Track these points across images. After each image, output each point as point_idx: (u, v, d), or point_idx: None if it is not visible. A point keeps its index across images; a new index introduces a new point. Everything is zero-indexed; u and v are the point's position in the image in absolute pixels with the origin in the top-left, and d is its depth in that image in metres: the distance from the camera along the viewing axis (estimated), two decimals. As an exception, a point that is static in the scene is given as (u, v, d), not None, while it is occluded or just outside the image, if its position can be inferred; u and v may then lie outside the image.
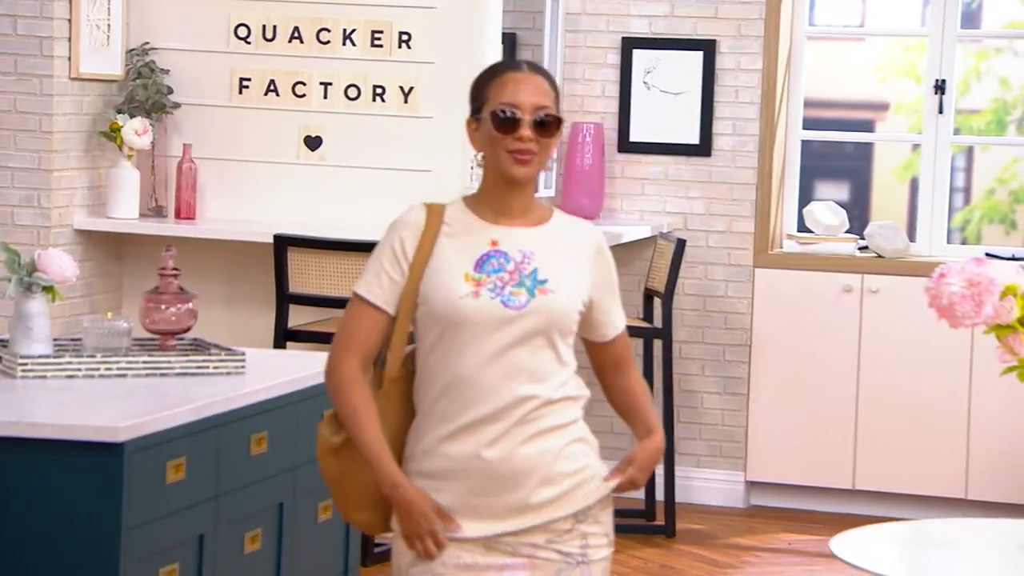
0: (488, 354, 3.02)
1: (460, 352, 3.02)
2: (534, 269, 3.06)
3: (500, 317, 3.02)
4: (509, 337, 3.03)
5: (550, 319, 3.05)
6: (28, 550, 3.41)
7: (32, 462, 3.41)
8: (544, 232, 3.10)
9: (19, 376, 3.85)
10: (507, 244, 3.07)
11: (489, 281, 3.04)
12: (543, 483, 3.05)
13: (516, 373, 3.04)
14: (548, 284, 3.06)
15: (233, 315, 6.15)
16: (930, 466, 6.77)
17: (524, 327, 3.04)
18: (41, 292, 3.96)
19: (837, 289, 6.87)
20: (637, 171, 7.08)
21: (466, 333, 3.02)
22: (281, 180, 6.19)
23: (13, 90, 5.88)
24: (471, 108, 3.13)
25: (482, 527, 3.03)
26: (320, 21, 6.16)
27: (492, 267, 3.05)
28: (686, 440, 7.00)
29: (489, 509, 3.03)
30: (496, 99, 3.07)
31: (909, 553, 3.82)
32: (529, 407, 3.05)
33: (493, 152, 3.07)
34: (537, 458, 3.04)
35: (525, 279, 3.05)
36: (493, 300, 3.02)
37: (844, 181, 7.58)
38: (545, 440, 3.06)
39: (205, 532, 3.71)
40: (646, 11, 7.03)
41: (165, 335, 4.09)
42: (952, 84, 6.95)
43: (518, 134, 3.04)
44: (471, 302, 3.02)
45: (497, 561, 3.04)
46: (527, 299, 3.04)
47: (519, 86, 3.07)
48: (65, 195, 5.97)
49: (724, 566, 6.13)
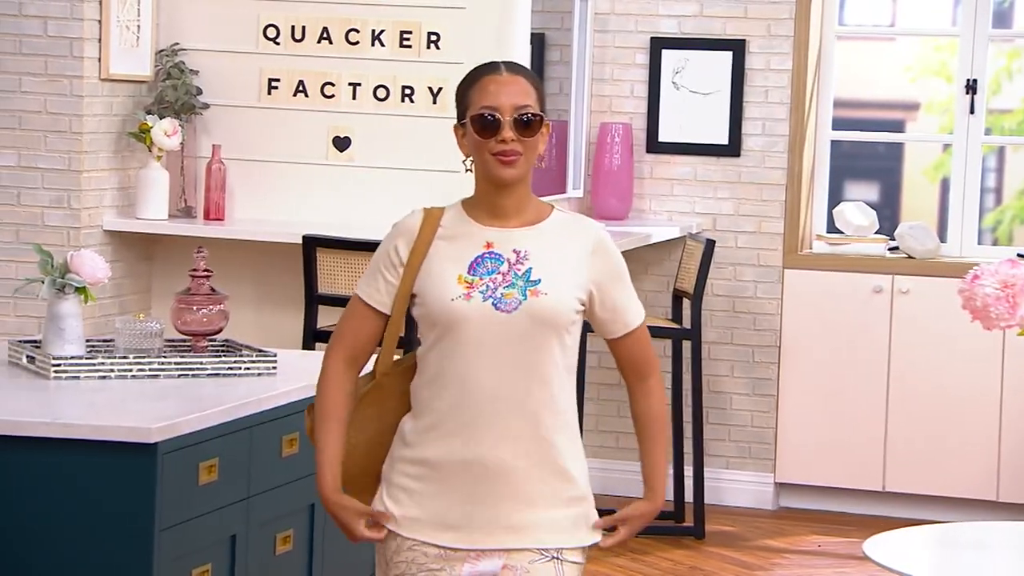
0: (482, 356, 3.04)
1: (456, 353, 3.05)
2: (528, 269, 3.08)
3: (492, 319, 3.04)
4: (503, 339, 3.05)
5: (542, 320, 3.06)
6: (62, 551, 3.44)
7: (65, 463, 3.44)
8: (540, 231, 3.12)
9: (52, 377, 3.89)
10: (501, 245, 3.09)
11: (482, 283, 3.06)
12: (527, 502, 3.05)
13: (518, 376, 3.05)
14: (541, 285, 3.07)
15: (262, 316, 6.18)
16: (961, 468, 6.76)
17: (516, 329, 3.05)
18: (74, 293, 4.00)
19: (867, 290, 6.87)
20: (666, 172, 7.10)
21: (461, 334, 3.05)
22: (310, 181, 6.22)
23: (43, 91, 5.92)
24: (457, 114, 3.16)
25: (458, 537, 3.05)
26: (349, 22, 6.18)
27: (486, 269, 3.08)
28: (715, 441, 7.01)
29: (469, 516, 3.05)
30: (477, 103, 3.09)
31: (941, 555, 3.83)
32: (523, 410, 3.06)
33: (479, 156, 3.10)
34: (524, 471, 3.05)
35: (518, 280, 3.07)
36: (485, 302, 3.05)
37: (874, 181, 7.58)
38: (536, 450, 3.06)
39: (237, 533, 3.74)
40: (675, 11, 7.04)
41: (197, 336, 4.12)
42: (983, 84, 6.94)
43: (500, 136, 3.06)
44: (463, 304, 3.05)
45: (472, 552, 3.07)
46: (519, 301, 3.06)
47: (499, 88, 3.08)
48: (95, 196, 6.00)
49: (754, 568, 6.14)
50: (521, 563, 3.06)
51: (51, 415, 3.51)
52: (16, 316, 5.96)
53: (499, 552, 3.06)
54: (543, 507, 3.07)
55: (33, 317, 5.92)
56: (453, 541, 3.06)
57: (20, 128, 5.94)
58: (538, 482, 3.07)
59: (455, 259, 3.09)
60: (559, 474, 3.08)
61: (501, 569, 3.06)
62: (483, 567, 3.06)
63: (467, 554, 3.06)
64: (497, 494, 3.05)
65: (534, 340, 3.06)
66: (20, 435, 3.45)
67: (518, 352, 3.05)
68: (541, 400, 3.07)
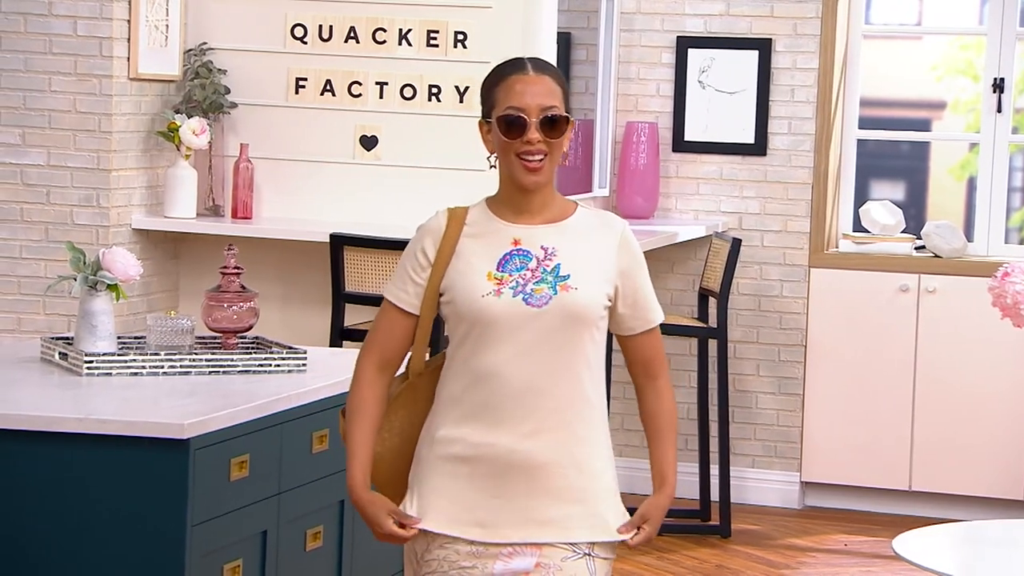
0: (513, 351, 3.05)
1: (487, 349, 3.06)
2: (556, 265, 3.09)
3: (523, 315, 3.06)
4: (533, 334, 3.06)
5: (572, 315, 3.08)
6: (95, 546, 3.47)
7: (98, 459, 3.47)
8: (565, 227, 3.13)
9: (84, 373, 3.92)
10: (529, 242, 3.10)
11: (511, 279, 3.07)
12: (558, 497, 3.07)
13: (548, 371, 3.06)
14: (570, 280, 3.09)
15: (289, 314, 6.21)
16: (987, 467, 6.77)
17: (547, 324, 3.06)
18: (105, 290, 4.03)
19: (893, 289, 6.88)
20: (692, 170, 7.11)
21: (491, 331, 3.06)
22: (337, 180, 6.25)
23: (73, 90, 5.96)
24: (482, 110, 3.17)
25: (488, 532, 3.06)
26: (376, 21, 6.21)
27: (515, 266, 3.09)
28: (741, 440, 7.03)
29: (500, 511, 3.06)
30: (503, 103, 3.10)
31: (969, 552, 3.84)
32: (570, 410, 3.08)
33: (504, 156, 3.11)
34: (555, 465, 3.06)
35: (547, 275, 3.08)
36: (515, 298, 3.06)
37: (900, 180, 7.58)
38: (567, 445, 3.08)
39: (268, 529, 3.76)
40: (701, 10, 7.06)
41: (227, 333, 4.15)
42: (1011, 83, 6.95)
43: (526, 137, 3.07)
44: (493, 300, 3.06)
45: (506, 549, 3.07)
46: (549, 296, 3.07)
47: (525, 88, 3.09)
48: (124, 195, 6.04)
49: (780, 567, 6.15)
50: (554, 560, 3.07)
51: (84, 411, 3.54)
52: (46, 315, 6.00)
53: (531, 548, 3.07)
54: (573, 502, 3.09)
55: (63, 315, 5.96)
56: (484, 536, 3.07)
57: (50, 127, 5.99)
58: (569, 477, 3.08)
59: (483, 256, 3.10)
60: (589, 469, 3.10)
61: (534, 567, 3.06)
62: (516, 564, 3.06)
63: (499, 551, 3.06)
64: (528, 489, 3.07)
65: (564, 335, 3.08)
66: (53, 431, 3.48)
67: (548, 347, 3.07)
68: (571, 395, 3.09)
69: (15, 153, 6.02)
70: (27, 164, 6.01)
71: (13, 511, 3.49)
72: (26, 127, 6.00)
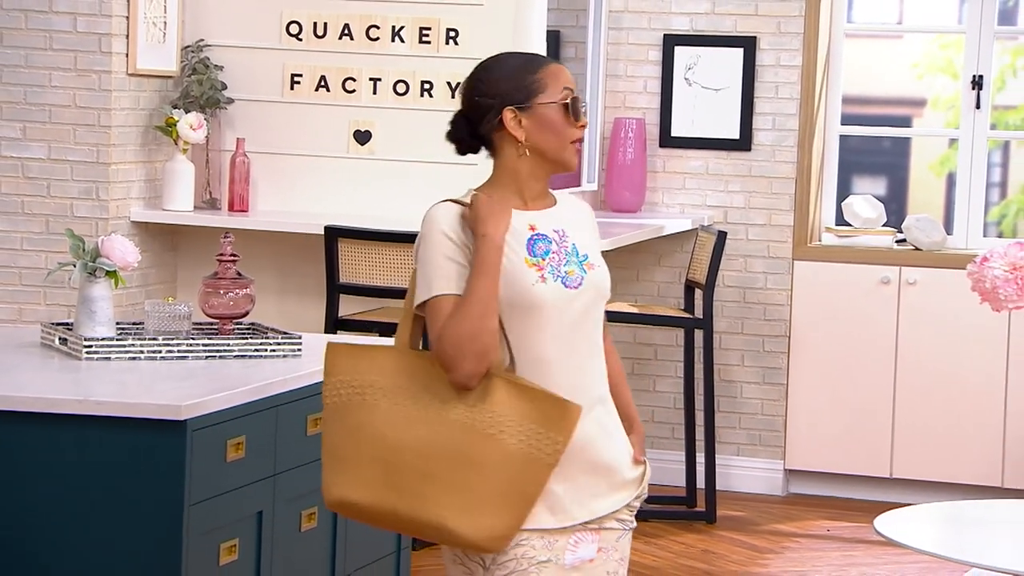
0: (555, 335, 3.01)
1: (530, 335, 3.00)
2: (573, 245, 3.08)
3: (563, 297, 3.03)
4: (574, 315, 3.04)
5: (599, 292, 3.08)
6: (94, 525, 3.47)
7: (97, 440, 3.47)
8: (560, 210, 3.13)
9: (84, 357, 3.92)
10: (543, 226, 3.08)
11: (546, 264, 3.04)
12: (607, 469, 3.05)
13: (586, 350, 3.05)
14: (590, 259, 3.09)
15: (285, 305, 6.21)
16: (966, 454, 6.78)
17: (583, 303, 3.05)
18: (104, 277, 4.02)
19: (875, 281, 6.88)
20: (678, 165, 7.12)
21: (537, 317, 3.00)
22: (331, 173, 6.25)
23: (72, 86, 5.95)
24: (512, 97, 3.05)
25: (562, 517, 3.01)
26: (370, 18, 6.21)
27: (541, 250, 3.05)
28: (726, 429, 7.03)
29: (568, 494, 3.01)
30: (557, 86, 3.06)
31: (949, 531, 3.85)
32: (601, 384, 3.07)
33: (558, 141, 3.05)
34: (601, 441, 3.04)
35: (571, 256, 3.07)
36: (556, 282, 3.03)
37: (882, 176, 7.59)
38: (604, 419, 3.07)
39: (264, 509, 3.76)
40: (687, 8, 7.06)
41: (224, 319, 4.15)
42: (989, 80, 6.95)
43: (582, 121, 3.08)
44: (542, 287, 3.01)
45: (572, 537, 3.04)
46: (580, 276, 3.06)
47: (566, 75, 3.09)
48: (122, 188, 6.04)
49: (764, 551, 6.16)
50: (610, 542, 3.07)
51: (83, 394, 3.54)
52: (46, 305, 6.00)
53: (592, 535, 3.04)
54: (619, 470, 3.06)
55: (63, 305, 5.96)
56: (556, 522, 2.99)
57: (50, 121, 5.98)
58: (611, 449, 3.06)
59: (512, 244, 3.02)
60: (619, 436, 3.09)
61: (596, 553, 3.04)
62: (582, 553, 3.03)
63: (567, 541, 3.01)
64: (582, 469, 3.02)
65: (590, 313, 3.07)
66: (54, 412, 3.48)
67: (580, 326, 3.05)
68: (600, 369, 3.09)
69: (16, 147, 6.01)
70: (28, 158, 6.01)
71: (14, 491, 3.49)
72: (27, 121, 5.99)
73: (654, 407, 7.11)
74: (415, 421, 2.93)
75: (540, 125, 3.06)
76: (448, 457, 2.91)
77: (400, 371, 2.98)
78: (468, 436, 2.91)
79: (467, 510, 2.90)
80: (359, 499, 2.95)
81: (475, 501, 2.90)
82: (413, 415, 2.94)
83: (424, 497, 2.91)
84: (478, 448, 2.91)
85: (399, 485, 2.93)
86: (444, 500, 2.91)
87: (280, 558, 3.84)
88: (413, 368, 2.97)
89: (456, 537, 2.91)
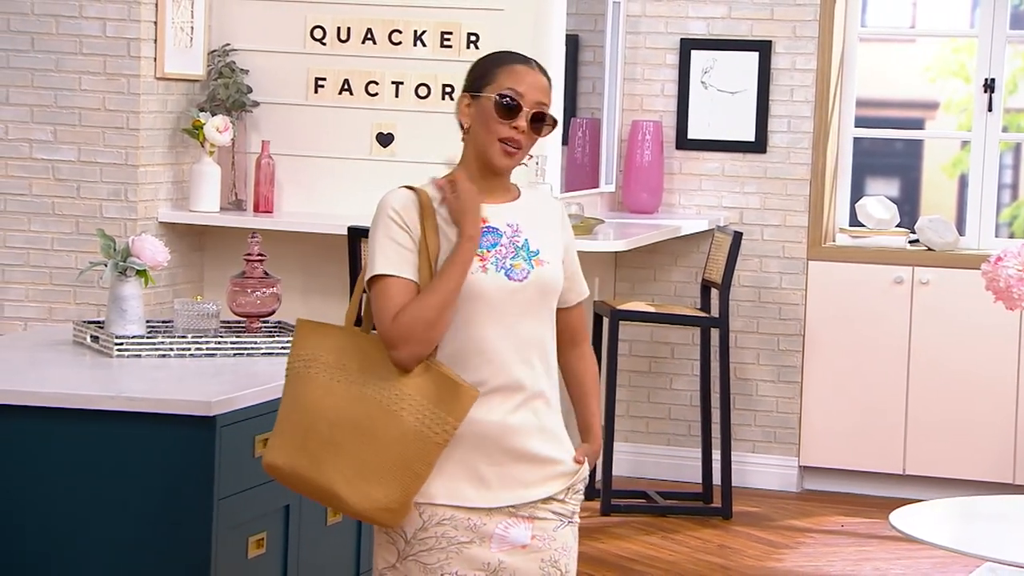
0: (499, 326, 3.03)
1: (472, 324, 3.02)
2: (525, 240, 3.08)
3: (505, 288, 3.04)
4: (516, 308, 3.04)
5: (546, 289, 3.08)
6: (126, 519, 3.48)
7: (129, 435, 3.49)
8: (521, 205, 3.12)
9: (115, 355, 3.93)
10: (495, 220, 3.07)
11: (491, 255, 3.04)
12: (541, 462, 3.07)
13: (527, 344, 3.06)
14: (541, 255, 3.08)
15: (309, 304, 6.22)
16: (978, 451, 6.77)
17: (526, 298, 3.05)
18: (135, 276, 4.04)
19: (888, 281, 6.88)
20: (695, 167, 7.12)
21: (478, 306, 3.02)
22: (354, 175, 6.27)
23: (102, 89, 5.98)
24: (471, 83, 3.09)
25: (488, 497, 3.03)
26: (392, 23, 6.22)
27: (488, 243, 3.05)
28: (742, 426, 7.03)
29: (493, 479, 3.03)
30: (503, 83, 3.05)
31: (963, 526, 3.85)
32: (545, 382, 3.08)
33: (486, 135, 3.05)
34: (537, 434, 3.06)
35: (520, 251, 3.06)
36: (498, 273, 3.04)
37: (895, 177, 7.59)
38: (544, 415, 3.08)
39: (291, 503, 3.78)
40: (704, 13, 7.06)
41: (251, 317, 4.17)
42: (1001, 83, 6.95)
43: (515, 123, 3.04)
44: (482, 276, 3.03)
45: (501, 523, 3.05)
46: (527, 271, 3.06)
47: (526, 79, 3.07)
48: (150, 189, 6.06)
49: (779, 546, 6.16)
50: (547, 531, 3.08)
51: (115, 390, 3.56)
52: (76, 304, 6.02)
53: (526, 522, 3.06)
54: (553, 465, 3.09)
55: (92, 304, 5.98)
56: (480, 502, 3.02)
57: (80, 124, 6.01)
58: (546, 445, 3.08)
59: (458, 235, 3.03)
60: (560, 435, 3.13)
61: (531, 539, 3.06)
62: (513, 538, 3.05)
63: (495, 525, 3.03)
64: (515, 458, 3.05)
65: (537, 308, 3.07)
66: (86, 408, 3.50)
67: (524, 320, 3.05)
68: (545, 365, 3.09)
69: (47, 149, 6.03)
70: (59, 160, 6.03)
71: (48, 484, 3.51)
72: (58, 124, 6.02)
73: (671, 405, 7.12)
74: (337, 394, 3.02)
75: (478, 116, 3.07)
76: (352, 428, 2.99)
77: (343, 349, 3.05)
78: (374, 410, 2.99)
79: (357, 480, 2.97)
80: (279, 462, 3.05)
81: (366, 472, 2.97)
82: (338, 389, 3.02)
83: (324, 463, 2.99)
84: (380, 422, 2.98)
85: (308, 450, 3.01)
86: (339, 467, 2.98)
87: (307, 551, 3.85)
88: (355, 347, 3.04)
89: (344, 504, 2.99)
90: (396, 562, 3.04)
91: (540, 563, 3.06)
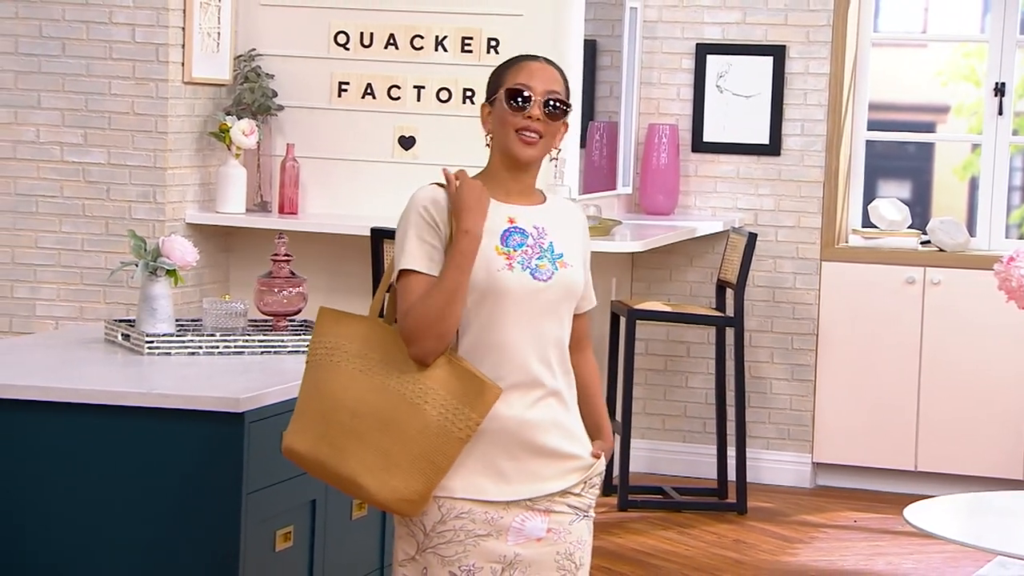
0: (521, 324, 3.04)
1: (495, 321, 3.04)
2: (550, 243, 3.09)
3: (529, 287, 3.05)
4: (538, 308, 3.06)
5: (568, 291, 3.10)
6: (156, 512, 3.51)
7: (160, 431, 3.52)
8: (547, 209, 3.14)
9: (146, 352, 3.97)
10: (522, 221, 3.09)
11: (517, 254, 3.06)
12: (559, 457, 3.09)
13: (546, 343, 3.07)
14: (565, 258, 3.10)
15: (333, 303, 6.22)
16: (989, 448, 6.78)
17: (549, 299, 3.07)
18: (165, 276, 4.08)
19: (900, 281, 6.89)
20: (710, 170, 7.14)
21: (501, 303, 3.03)
22: (377, 177, 6.30)
23: (131, 94, 6.02)
24: (488, 93, 3.13)
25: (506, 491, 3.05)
26: (414, 28, 6.25)
27: (515, 242, 3.07)
28: (756, 424, 7.05)
29: (515, 472, 3.05)
30: (511, 80, 3.09)
31: (975, 521, 3.86)
32: (561, 380, 3.10)
33: (503, 131, 3.07)
34: (555, 431, 3.08)
35: (546, 252, 3.08)
36: (523, 272, 3.05)
37: (906, 180, 7.60)
38: (561, 412, 3.10)
39: (317, 498, 3.80)
40: (719, 18, 7.08)
41: (278, 316, 4.20)
42: (1011, 87, 6.96)
43: (528, 113, 3.06)
44: (507, 274, 3.04)
45: (518, 516, 3.07)
46: (551, 272, 3.08)
47: (534, 72, 3.09)
48: (178, 191, 6.10)
49: (794, 541, 6.17)
50: (562, 525, 3.09)
51: (146, 387, 3.59)
52: (106, 303, 6.06)
53: (542, 515, 3.07)
54: (570, 459, 3.11)
55: (122, 304, 6.02)
56: (499, 495, 3.04)
57: (110, 128, 6.05)
58: (563, 441, 3.10)
59: (486, 231, 3.05)
60: (577, 431, 3.15)
61: (546, 532, 3.07)
62: (529, 531, 3.06)
63: (512, 519, 3.05)
64: (529, 449, 3.06)
65: (558, 309, 3.10)
66: (118, 404, 3.53)
67: (545, 320, 3.07)
68: (564, 365, 3.12)
69: (78, 152, 6.08)
70: (89, 162, 6.07)
71: (81, 479, 3.54)
72: (88, 128, 6.06)
73: (686, 402, 7.14)
74: (360, 384, 3.03)
75: (496, 118, 3.10)
76: (375, 419, 3.01)
77: (367, 339, 3.07)
78: (397, 402, 3.00)
79: (380, 470, 2.99)
80: (300, 448, 3.07)
81: (389, 463, 2.99)
82: (361, 379, 3.04)
83: (347, 453, 3.01)
84: (403, 415, 3.00)
85: (330, 439, 3.03)
86: (362, 458, 3.00)
87: (333, 544, 3.88)
88: (379, 338, 3.06)
89: (367, 494, 3.01)
90: (415, 554, 3.07)
91: (555, 556, 3.08)
